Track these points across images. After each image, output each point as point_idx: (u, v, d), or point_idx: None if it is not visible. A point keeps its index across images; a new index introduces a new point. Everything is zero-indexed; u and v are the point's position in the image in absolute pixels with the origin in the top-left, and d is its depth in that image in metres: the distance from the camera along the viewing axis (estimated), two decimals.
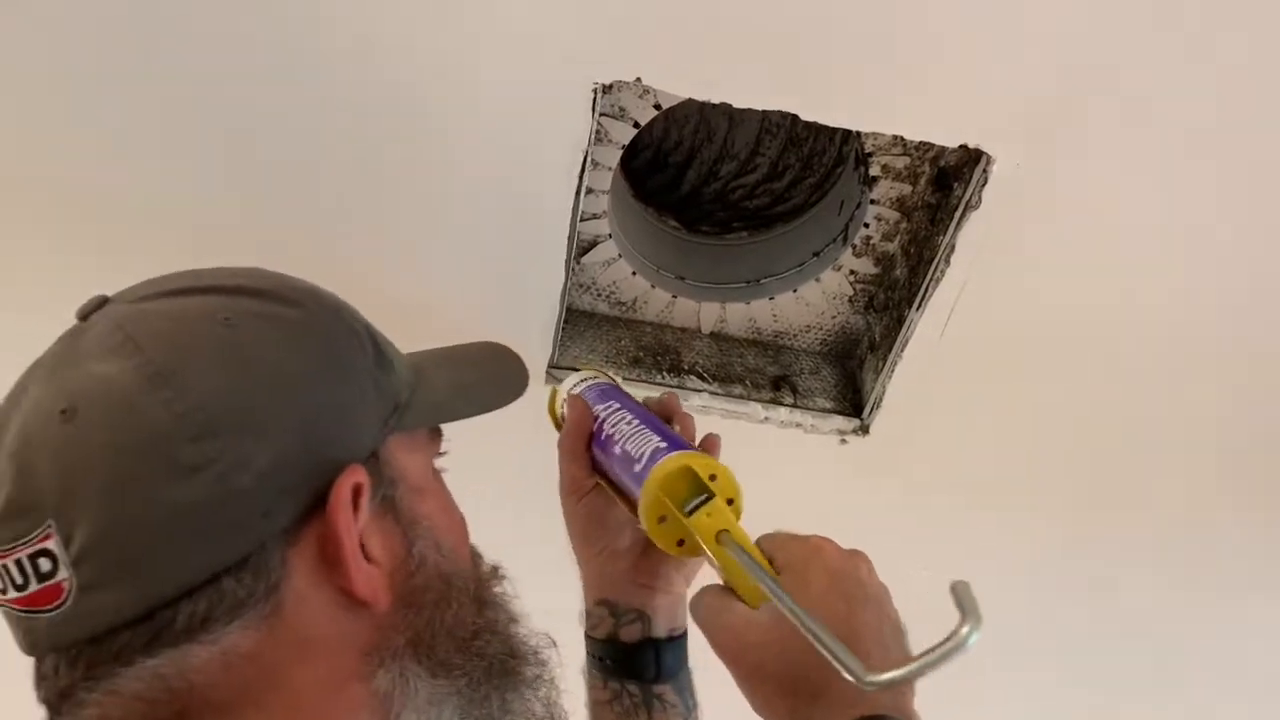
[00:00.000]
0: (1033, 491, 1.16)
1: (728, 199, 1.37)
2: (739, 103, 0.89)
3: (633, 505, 0.72)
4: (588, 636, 0.80)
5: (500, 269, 1.01)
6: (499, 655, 0.57)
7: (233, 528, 0.47)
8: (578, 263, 1.14)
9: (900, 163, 1.06)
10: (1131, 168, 0.90)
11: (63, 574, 0.46)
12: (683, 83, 0.89)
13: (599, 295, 1.19)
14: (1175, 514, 1.17)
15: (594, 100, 0.89)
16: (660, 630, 0.78)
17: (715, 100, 0.90)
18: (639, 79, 0.88)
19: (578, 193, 0.96)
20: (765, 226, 1.29)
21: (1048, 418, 1.10)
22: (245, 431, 0.48)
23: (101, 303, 0.52)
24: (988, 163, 0.92)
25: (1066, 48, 0.83)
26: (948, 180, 1.03)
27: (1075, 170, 0.90)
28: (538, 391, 0.80)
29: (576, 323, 1.18)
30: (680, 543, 0.69)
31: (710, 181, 1.39)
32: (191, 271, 0.54)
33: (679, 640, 0.79)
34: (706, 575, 0.74)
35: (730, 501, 0.67)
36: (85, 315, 0.52)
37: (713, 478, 0.67)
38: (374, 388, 0.54)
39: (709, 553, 0.65)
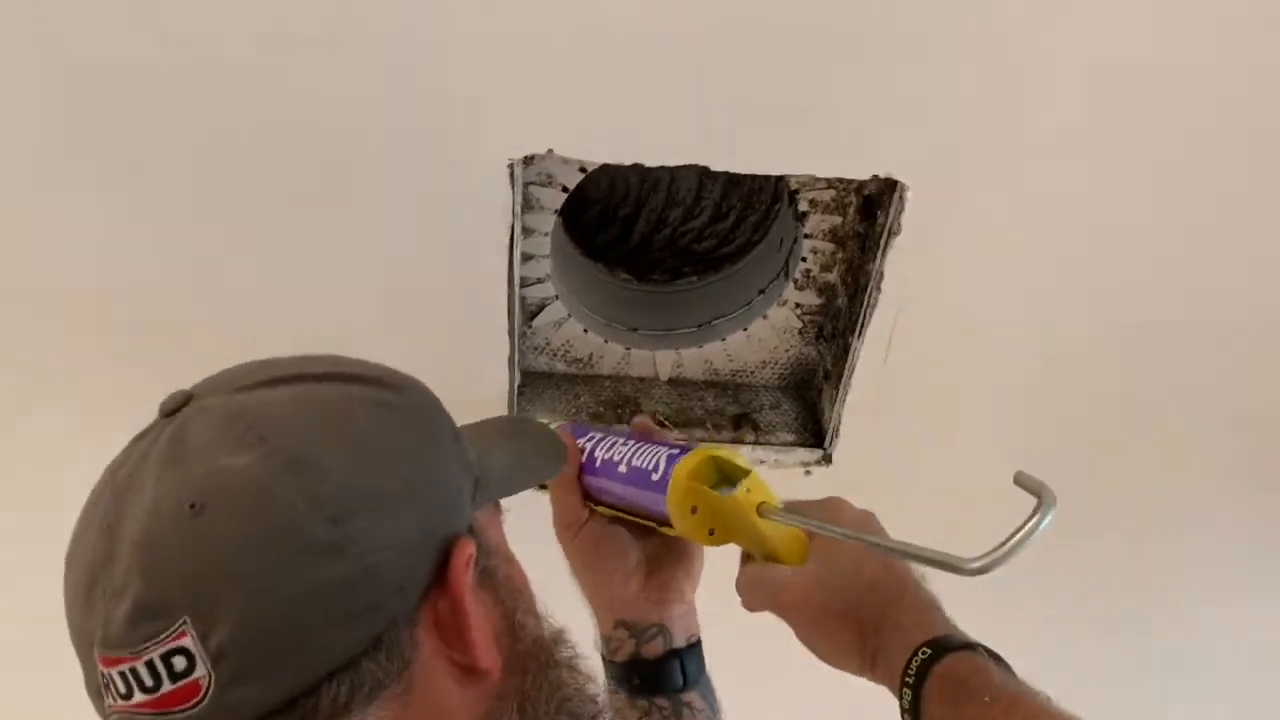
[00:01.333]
0: (998, 504, 1.17)
1: (677, 245, 1.40)
2: (650, 162, 0.92)
3: (648, 517, 0.77)
4: (609, 662, 0.82)
5: (445, 340, 1.04)
6: (587, 716, 0.59)
7: (370, 607, 0.48)
8: (529, 326, 1.17)
9: (826, 196, 1.09)
10: (1035, 192, 0.92)
11: (200, 671, 0.45)
12: (594, 149, 0.92)
13: (554, 355, 1.21)
14: (1144, 515, 1.18)
15: (511, 174, 0.92)
16: (680, 640, 0.81)
17: (627, 162, 0.92)
18: (550, 150, 0.91)
19: (510, 263, 0.99)
20: (714, 269, 1.31)
21: (1001, 432, 1.11)
22: (378, 510, 0.49)
23: (187, 398, 0.52)
24: (903, 190, 0.95)
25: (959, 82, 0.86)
26: (873, 209, 1.05)
27: (986, 194, 0.92)
28: None
29: (535, 384, 1.21)
30: (711, 532, 0.74)
31: (660, 229, 1.42)
32: (279, 360, 0.56)
33: (697, 646, 0.83)
34: (712, 579, 0.77)
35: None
36: (172, 411, 0.51)
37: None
38: (460, 463, 0.57)
39: (754, 523, 0.70)
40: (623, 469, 0.78)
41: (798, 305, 1.18)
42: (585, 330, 1.19)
